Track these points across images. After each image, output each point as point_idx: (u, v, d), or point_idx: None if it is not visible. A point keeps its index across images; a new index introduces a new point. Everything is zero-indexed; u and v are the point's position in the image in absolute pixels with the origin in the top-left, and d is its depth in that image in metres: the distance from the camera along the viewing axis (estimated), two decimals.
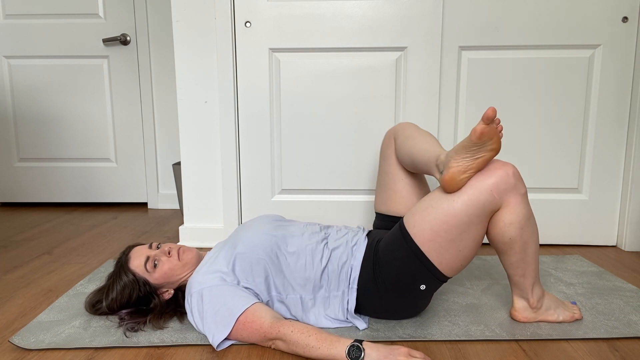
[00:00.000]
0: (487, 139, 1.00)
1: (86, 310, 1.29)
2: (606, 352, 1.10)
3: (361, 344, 0.98)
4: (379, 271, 1.15)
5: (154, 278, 1.23)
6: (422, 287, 1.14)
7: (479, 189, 1.05)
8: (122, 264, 1.25)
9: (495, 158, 1.24)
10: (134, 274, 1.22)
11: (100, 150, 2.72)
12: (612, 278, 1.54)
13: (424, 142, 1.23)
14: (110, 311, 1.24)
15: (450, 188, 1.06)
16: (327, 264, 1.19)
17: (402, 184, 1.36)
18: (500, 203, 1.07)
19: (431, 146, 1.19)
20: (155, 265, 1.22)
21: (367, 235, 1.27)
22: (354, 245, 1.22)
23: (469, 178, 1.06)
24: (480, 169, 1.06)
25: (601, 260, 1.75)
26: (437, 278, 1.13)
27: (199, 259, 1.31)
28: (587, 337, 1.15)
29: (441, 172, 1.09)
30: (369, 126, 1.87)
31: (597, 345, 1.13)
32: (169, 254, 1.25)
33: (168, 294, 1.26)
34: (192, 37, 1.86)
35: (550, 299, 1.23)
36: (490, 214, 1.08)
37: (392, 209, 1.37)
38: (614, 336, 1.15)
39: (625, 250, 1.87)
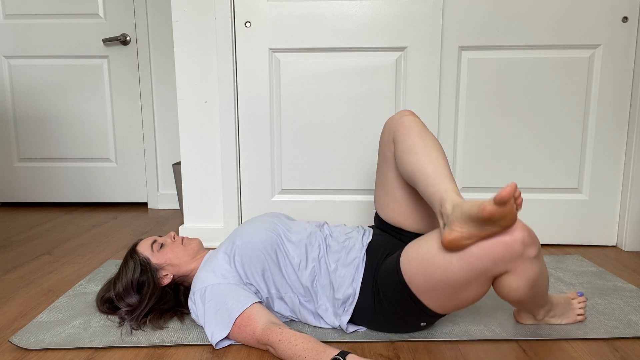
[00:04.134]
0: (499, 218, 0.88)
1: (97, 298, 1.33)
2: (606, 352, 1.10)
3: (345, 357, 0.96)
4: (379, 306, 1.12)
5: (156, 258, 1.28)
6: (423, 324, 1.14)
7: (480, 257, 0.95)
8: (131, 250, 1.31)
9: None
10: (138, 254, 1.28)
11: (100, 150, 2.72)
12: (612, 278, 1.54)
13: (428, 164, 1.06)
14: (117, 293, 1.26)
15: (450, 249, 0.97)
16: (320, 277, 1.18)
17: (400, 193, 1.23)
18: (505, 269, 0.97)
19: (436, 174, 1.03)
20: (161, 247, 1.30)
21: (368, 247, 1.21)
22: (353, 264, 1.16)
23: (473, 244, 0.95)
24: (486, 238, 0.95)
25: (601, 260, 1.75)
26: (437, 317, 1.12)
27: (202, 248, 1.35)
28: (587, 337, 1.15)
29: (444, 225, 0.97)
30: (369, 126, 1.87)
31: (597, 345, 1.13)
32: (173, 238, 1.34)
33: (167, 278, 1.27)
34: (192, 37, 1.86)
35: (557, 308, 1.20)
36: (492, 277, 0.99)
37: (392, 219, 1.27)
38: (614, 336, 1.15)
39: (625, 250, 1.87)
